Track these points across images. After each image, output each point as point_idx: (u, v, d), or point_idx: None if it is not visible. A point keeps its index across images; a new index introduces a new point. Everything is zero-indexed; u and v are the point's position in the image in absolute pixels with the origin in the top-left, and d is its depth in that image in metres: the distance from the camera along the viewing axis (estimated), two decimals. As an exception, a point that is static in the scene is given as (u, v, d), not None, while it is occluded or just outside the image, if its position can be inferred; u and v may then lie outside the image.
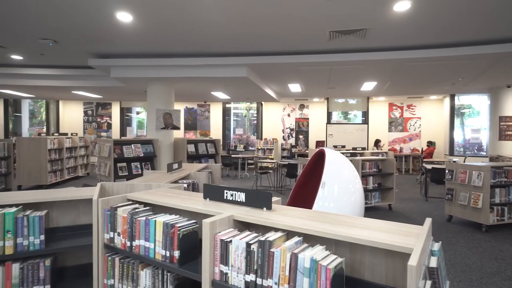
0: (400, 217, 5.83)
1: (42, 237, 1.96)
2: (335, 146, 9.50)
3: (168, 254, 1.73)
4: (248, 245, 1.43)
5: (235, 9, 4.24)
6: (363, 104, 13.06)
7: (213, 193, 1.96)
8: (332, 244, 1.47)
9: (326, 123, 12.74)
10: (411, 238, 1.26)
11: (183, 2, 4.04)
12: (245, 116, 14.27)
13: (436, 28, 4.93)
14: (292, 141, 13.61)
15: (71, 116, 14.08)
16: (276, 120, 13.77)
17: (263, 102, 13.67)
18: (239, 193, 1.85)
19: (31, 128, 13.83)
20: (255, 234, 1.53)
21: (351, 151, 8.60)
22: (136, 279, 1.86)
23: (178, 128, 7.88)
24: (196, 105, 13.91)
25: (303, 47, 6.00)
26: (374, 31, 5.06)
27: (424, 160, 10.13)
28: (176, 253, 1.70)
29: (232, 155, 11.19)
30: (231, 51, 6.36)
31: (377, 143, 11.50)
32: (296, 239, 1.41)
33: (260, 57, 6.54)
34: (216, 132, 13.80)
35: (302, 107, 13.67)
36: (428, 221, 1.40)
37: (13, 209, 1.93)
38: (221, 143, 10.24)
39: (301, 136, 13.51)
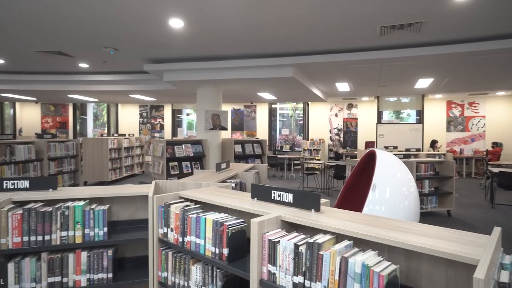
0: (461, 224, 5.37)
1: (105, 229, 2.14)
2: (386, 147, 9.04)
3: (217, 251, 1.79)
4: (296, 246, 1.42)
5: (282, 9, 4.24)
6: (417, 102, 12.25)
7: (261, 193, 1.98)
8: (385, 250, 1.40)
9: (377, 123, 12.17)
10: (476, 248, 1.16)
11: (230, 6, 4.14)
12: (291, 116, 14.20)
13: (504, 15, 4.46)
14: (339, 141, 13.23)
15: (128, 118, 15.16)
16: (323, 120, 13.49)
17: (309, 102, 13.48)
18: (286, 193, 1.85)
19: (94, 129, 15.20)
20: (303, 236, 1.52)
21: (404, 153, 8.11)
22: (187, 274, 1.94)
23: (225, 128, 8.09)
24: (243, 106, 14.15)
25: (352, 44, 5.80)
26: (431, 24, 4.72)
27: (490, 162, 9.20)
28: (225, 251, 1.74)
29: (278, 156, 11.19)
30: (277, 51, 6.37)
31: (433, 144, 10.71)
32: (346, 242, 1.37)
33: (307, 57, 6.46)
34: (262, 132, 13.92)
35: (350, 106, 13.23)
36: (497, 230, 1.27)
37: (82, 203, 2.14)
38: (267, 144, 10.30)
39: (336, 137, 13.06)
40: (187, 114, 15.23)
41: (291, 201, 1.82)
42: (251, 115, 14.13)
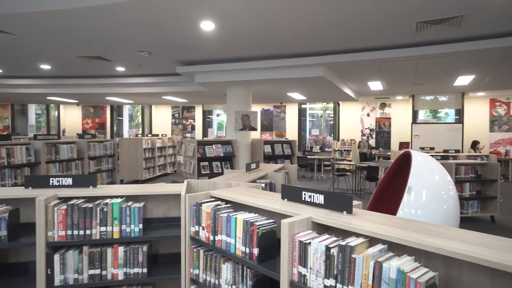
0: (506, 231, 5.01)
1: (141, 225, 2.23)
2: (422, 148, 8.64)
3: (247, 251, 1.80)
4: (328, 248, 1.40)
5: (312, 8, 4.19)
6: (456, 101, 11.60)
7: (291, 193, 1.97)
8: (422, 256, 1.34)
9: (411, 123, 11.67)
10: (525, 257, 1.08)
11: (260, 7, 4.15)
12: (321, 116, 13.98)
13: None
14: (372, 142, 12.84)
15: (161, 119, 15.68)
16: (355, 120, 13.15)
17: (340, 102, 13.20)
18: (317, 195, 1.82)
19: (130, 130, 15.88)
20: (334, 238, 1.49)
21: (441, 154, 7.72)
22: (218, 272, 1.98)
23: (255, 129, 8.13)
24: (272, 106, 14.14)
25: (385, 42, 5.61)
26: (472, 17, 4.45)
27: (539, 165, 8.50)
28: (255, 251, 1.75)
29: (308, 156, 11.06)
30: (307, 51, 6.30)
31: (474, 144, 10.08)
32: (380, 246, 1.33)
33: (338, 56, 6.34)
34: (291, 133, 13.83)
35: (383, 106, 12.79)
36: (548, 238, 1.18)
37: (119, 200, 2.24)
38: (296, 144, 10.22)
39: (364, 137, 12.59)
40: (217, 115, 15.47)
41: (322, 203, 1.80)
42: (280, 116, 14.09)
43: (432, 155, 6.24)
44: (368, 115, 13.00)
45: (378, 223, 1.51)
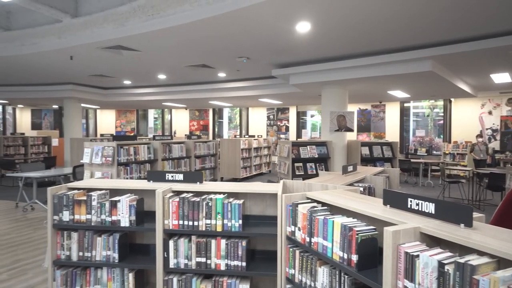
0: None
1: (240, 221, 2.37)
2: None
3: (345, 257, 1.73)
4: (441, 264, 1.24)
5: (420, -4, 3.78)
6: None
7: (395, 199, 1.81)
8: None
9: (554, 121, 9.42)
10: None
11: (360, 1, 3.94)
12: (427, 115, 12.50)
13: None
14: (495, 144, 10.86)
15: (257, 120, 16.37)
16: (471, 120, 11.33)
17: (452, 99, 11.56)
18: (426, 203, 1.64)
19: (229, 131, 17.08)
20: (449, 254, 1.31)
21: None
22: (314, 274, 1.96)
23: (351, 130, 7.78)
24: (370, 105, 13.29)
25: (517, 24, 4.67)
26: None
27: None
28: (354, 257, 1.67)
29: (412, 160, 10.02)
30: (412, 44, 5.71)
31: None
32: (512, 270, 1.11)
33: (450, 46, 5.56)
34: (392, 134, 12.74)
35: (511, 101, 10.67)
36: None
37: (221, 196, 2.43)
38: (398, 146, 9.37)
39: (480, 139, 10.48)
40: (311, 116, 15.35)
41: (433, 212, 1.60)
42: (379, 115, 13.13)
43: None
44: (490, 113, 11.04)
45: (509, 241, 1.26)
